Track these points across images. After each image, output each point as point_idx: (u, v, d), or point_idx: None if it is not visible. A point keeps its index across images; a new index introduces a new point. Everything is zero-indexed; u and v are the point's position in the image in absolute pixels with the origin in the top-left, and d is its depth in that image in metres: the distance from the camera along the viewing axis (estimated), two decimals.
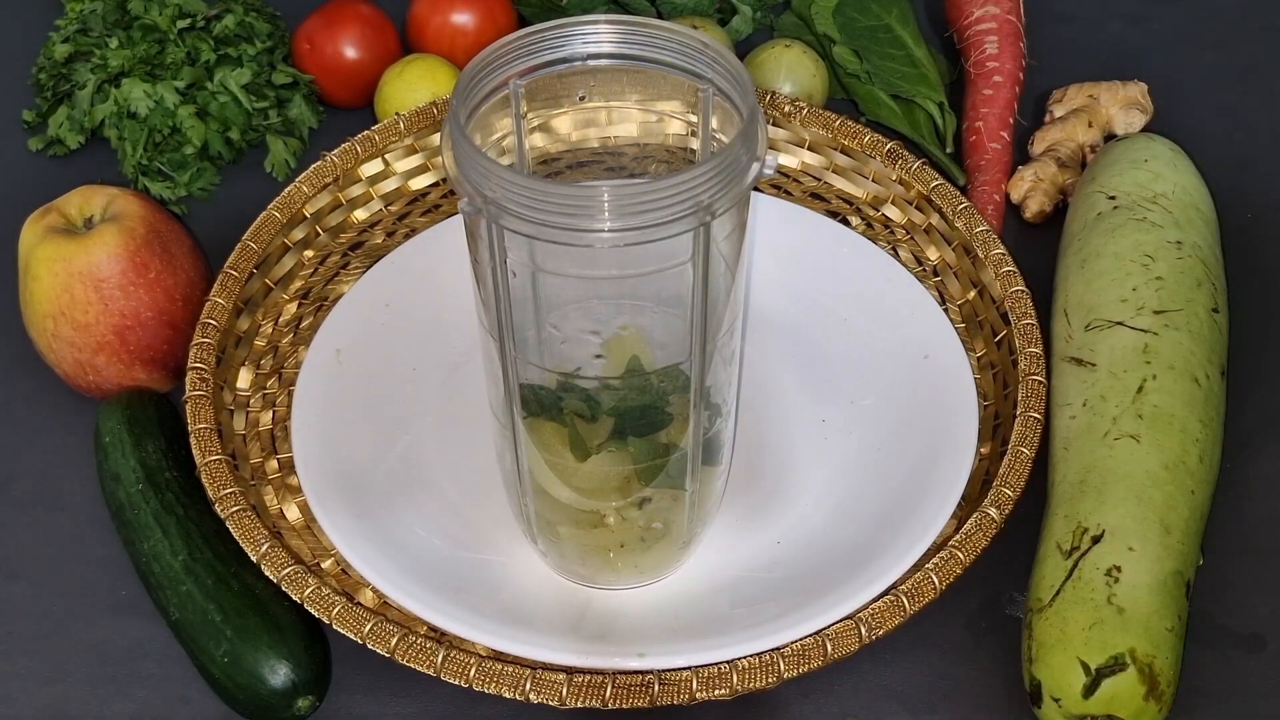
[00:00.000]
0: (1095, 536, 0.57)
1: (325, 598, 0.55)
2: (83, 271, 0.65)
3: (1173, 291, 0.64)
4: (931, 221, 0.71)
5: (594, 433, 0.53)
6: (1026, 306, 0.65)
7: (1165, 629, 0.54)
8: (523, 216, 0.44)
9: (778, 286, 0.70)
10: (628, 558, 0.58)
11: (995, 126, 0.79)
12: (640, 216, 0.43)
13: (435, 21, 0.84)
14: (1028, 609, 0.57)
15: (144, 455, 0.62)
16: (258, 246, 0.67)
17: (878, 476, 0.63)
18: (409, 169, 0.74)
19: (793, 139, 0.75)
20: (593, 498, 0.56)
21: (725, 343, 0.52)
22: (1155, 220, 0.67)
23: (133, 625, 0.61)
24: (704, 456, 0.55)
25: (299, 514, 0.62)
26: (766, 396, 0.67)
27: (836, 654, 0.54)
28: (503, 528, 0.61)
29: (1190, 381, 0.61)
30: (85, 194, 0.68)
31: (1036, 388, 0.61)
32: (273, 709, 0.56)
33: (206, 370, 0.62)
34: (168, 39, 0.79)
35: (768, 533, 0.62)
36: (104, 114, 0.79)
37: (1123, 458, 0.59)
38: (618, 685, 0.53)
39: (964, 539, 0.56)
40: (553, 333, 0.56)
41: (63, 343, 0.66)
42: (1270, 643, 0.60)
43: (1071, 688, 0.54)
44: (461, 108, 0.47)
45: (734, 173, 0.45)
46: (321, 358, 0.66)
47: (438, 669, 0.53)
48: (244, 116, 0.80)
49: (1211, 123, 0.82)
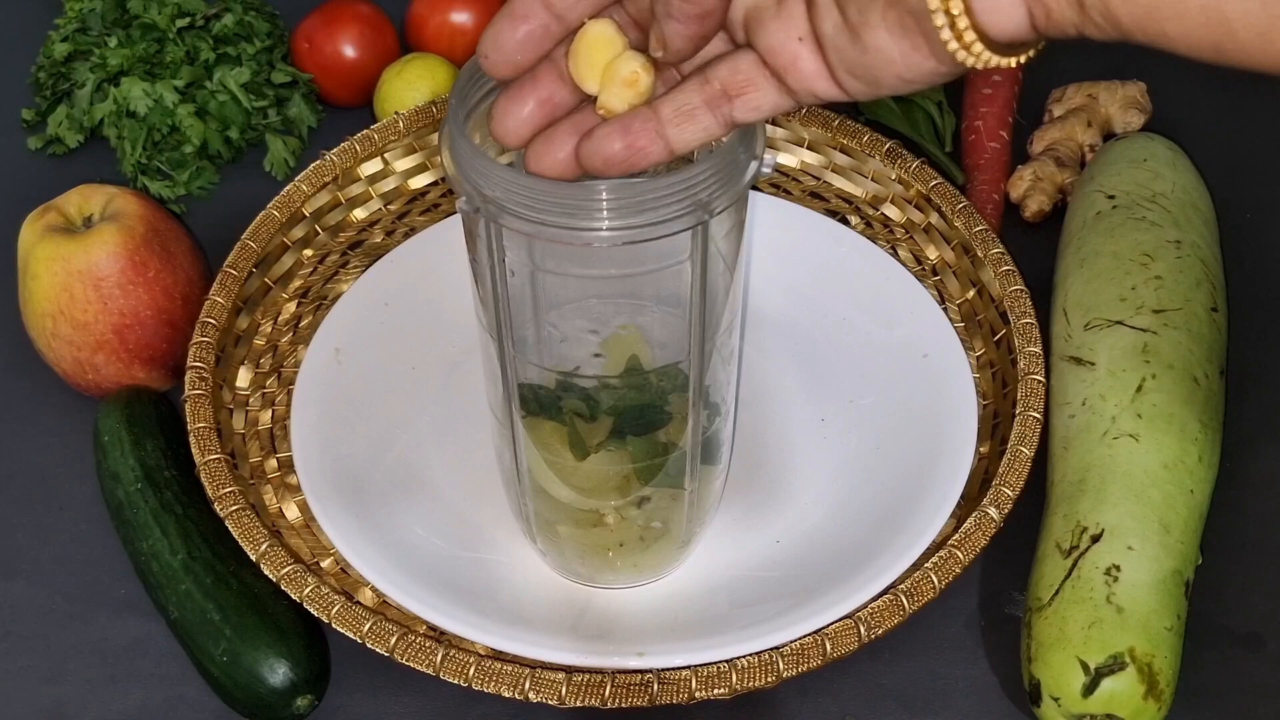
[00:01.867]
0: (1094, 536, 0.57)
1: (324, 597, 0.55)
2: (82, 270, 0.65)
3: (1172, 291, 0.64)
4: (931, 221, 0.71)
5: (593, 432, 0.53)
6: (1025, 306, 0.65)
7: (1164, 628, 0.54)
8: (521, 215, 0.44)
9: (777, 286, 0.70)
10: (627, 557, 0.58)
11: (994, 126, 0.79)
12: (639, 215, 0.43)
13: (434, 20, 0.84)
14: (1027, 608, 0.57)
15: (143, 454, 0.62)
16: (257, 245, 0.67)
17: (877, 476, 0.63)
18: (408, 168, 0.74)
19: (792, 138, 0.75)
20: (592, 497, 0.56)
21: (724, 341, 0.52)
22: (1154, 220, 0.67)
23: (132, 624, 0.61)
24: (703, 455, 0.55)
25: (298, 513, 0.62)
26: (765, 396, 0.67)
27: (836, 653, 0.54)
28: (502, 527, 0.61)
29: (1189, 381, 0.61)
30: (84, 193, 0.68)
31: (1036, 387, 0.61)
32: (272, 708, 0.56)
33: (206, 369, 0.62)
34: (167, 38, 0.79)
35: (767, 532, 0.62)
36: (103, 113, 0.79)
37: (1122, 457, 0.59)
38: (617, 684, 0.53)
39: (963, 538, 0.56)
40: (551, 332, 0.56)
41: (62, 342, 0.66)
42: (1269, 642, 0.60)
43: (1071, 687, 0.54)
44: (460, 106, 0.47)
45: (732, 171, 0.45)
46: (321, 357, 0.66)
47: (437, 668, 0.53)
48: (243, 115, 0.80)
49: (1211, 123, 0.82)
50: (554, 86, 0.43)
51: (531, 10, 0.42)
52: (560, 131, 0.43)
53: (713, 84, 0.41)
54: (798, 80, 0.40)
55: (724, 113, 0.42)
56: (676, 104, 0.42)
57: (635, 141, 0.42)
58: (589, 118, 0.43)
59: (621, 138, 0.42)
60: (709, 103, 0.41)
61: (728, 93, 0.41)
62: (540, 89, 0.43)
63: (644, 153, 0.42)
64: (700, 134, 0.42)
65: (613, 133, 0.42)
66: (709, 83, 0.41)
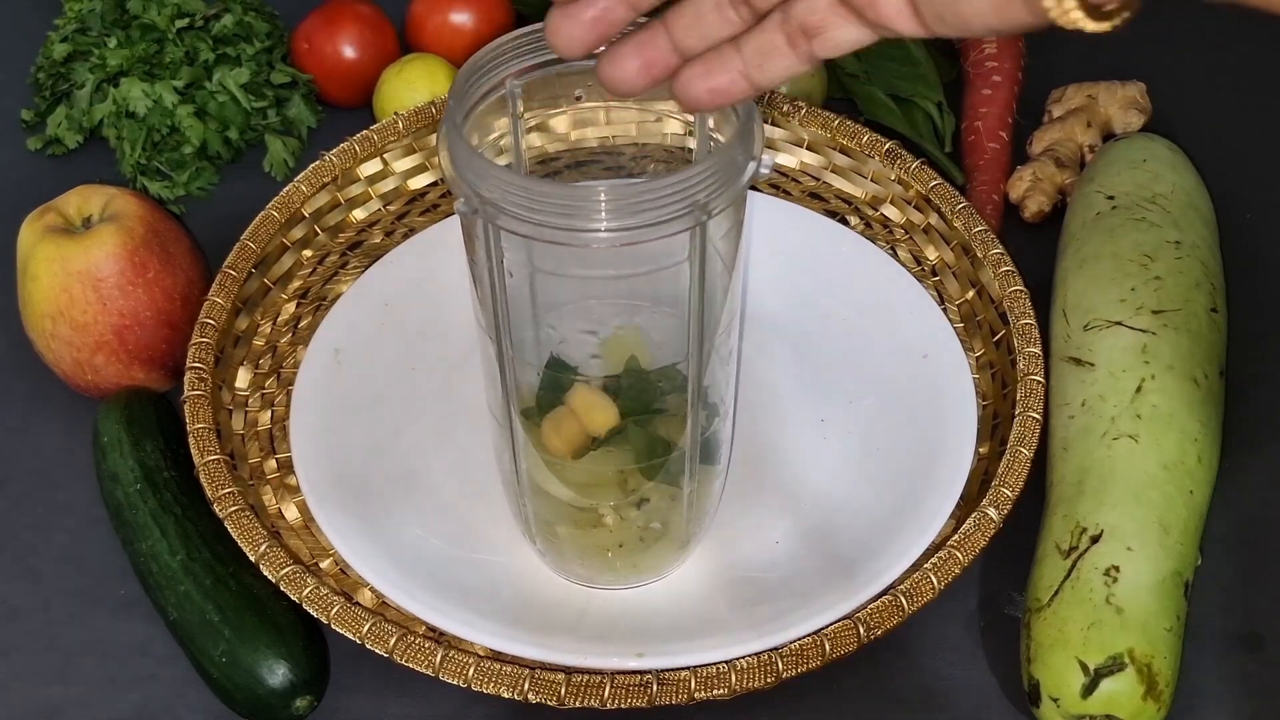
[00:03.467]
0: (1094, 536, 0.56)
1: (324, 597, 0.55)
2: (81, 271, 0.65)
3: (1171, 291, 0.64)
4: (930, 221, 0.71)
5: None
6: (1025, 306, 0.65)
7: (1164, 629, 0.54)
8: (519, 217, 0.44)
9: (776, 287, 0.70)
10: (626, 558, 0.58)
11: (994, 126, 0.79)
12: (637, 216, 0.43)
13: (434, 21, 0.84)
14: (1026, 609, 0.57)
15: (142, 455, 0.62)
16: (256, 246, 0.67)
17: (876, 476, 0.63)
18: (407, 168, 0.74)
19: (791, 138, 0.75)
20: (591, 496, 0.56)
21: (723, 342, 0.52)
22: (1154, 220, 0.67)
23: (131, 625, 0.61)
24: (702, 456, 0.55)
25: (297, 514, 0.62)
26: (765, 396, 0.67)
27: (835, 654, 0.54)
28: (501, 528, 0.61)
29: (1189, 381, 0.61)
30: (84, 193, 0.68)
31: (1035, 388, 0.61)
32: (271, 709, 0.56)
33: (205, 370, 0.62)
34: (166, 38, 0.79)
35: (766, 532, 0.62)
36: (102, 113, 0.79)
37: (1121, 458, 0.59)
38: (616, 685, 0.53)
39: (963, 539, 0.56)
40: (550, 333, 0.56)
41: (61, 342, 0.66)
42: (1269, 642, 0.60)
43: (1070, 688, 0.54)
44: (458, 108, 0.47)
45: (730, 172, 0.45)
46: (320, 357, 0.66)
47: (436, 669, 0.53)
48: (243, 116, 0.80)
49: (1211, 123, 0.82)
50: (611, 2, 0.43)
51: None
52: (625, 50, 0.43)
53: (791, 22, 0.41)
54: (878, 16, 0.40)
55: (805, 49, 0.42)
56: (758, 43, 0.42)
57: (718, 84, 0.43)
58: (652, 34, 0.43)
59: (704, 79, 0.43)
60: (790, 40, 0.42)
61: (806, 31, 0.41)
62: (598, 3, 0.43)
63: (728, 94, 0.43)
64: (783, 71, 0.43)
65: (696, 75, 0.43)
66: (788, 20, 0.42)
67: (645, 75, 0.43)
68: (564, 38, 0.43)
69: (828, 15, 0.41)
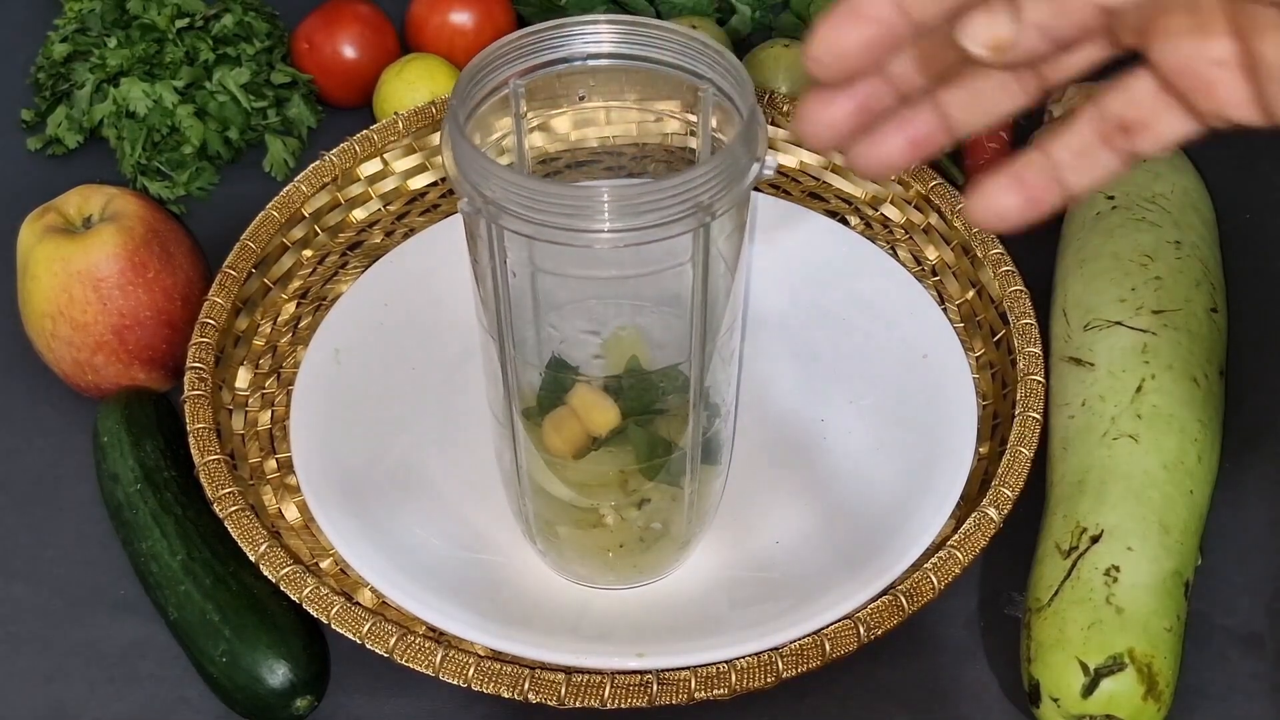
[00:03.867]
0: (1094, 536, 0.57)
1: (324, 597, 0.55)
2: (81, 271, 0.65)
3: (1171, 291, 0.64)
4: (930, 221, 0.71)
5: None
6: (1025, 306, 0.65)
7: (1164, 629, 0.54)
8: (522, 217, 0.44)
9: (777, 286, 0.70)
10: (626, 558, 0.58)
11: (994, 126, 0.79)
12: (640, 217, 0.43)
13: (434, 21, 0.84)
14: (1026, 609, 0.57)
15: (142, 455, 0.62)
16: (256, 246, 0.67)
17: (876, 476, 0.63)
18: (408, 168, 0.74)
19: (792, 138, 0.75)
20: (592, 496, 0.56)
21: (724, 343, 0.52)
22: (1154, 220, 0.67)
23: (131, 625, 0.61)
24: (703, 456, 0.55)
25: (297, 514, 0.62)
26: (766, 396, 0.67)
27: (835, 654, 0.54)
28: (502, 528, 0.61)
29: (1189, 381, 0.61)
30: (84, 193, 0.68)
31: (1035, 387, 0.61)
32: (271, 708, 0.56)
33: (205, 370, 0.62)
34: (166, 38, 0.79)
35: (766, 533, 0.62)
36: (103, 113, 0.79)
37: (1121, 458, 0.59)
38: (616, 685, 0.53)
39: (963, 539, 0.56)
40: (552, 333, 0.56)
41: (61, 342, 0.66)
42: (1269, 643, 0.60)
43: (1070, 688, 0.54)
44: (461, 108, 0.47)
45: (734, 173, 0.45)
46: (320, 357, 0.66)
47: (436, 669, 0.53)
48: (243, 116, 0.80)
49: None
50: (875, 86, 0.38)
51: (878, 10, 0.35)
52: (888, 134, 0.39)
53: (1107, 118, 0.36)
54: (1211, 104, 0.35)
55: (1123, 148, 0.36)
56: (1070, 145, 0.37)
57: (1032, 193, 0.37)
58: (914, 114, 0.38)
59: (1016, 191, 0.37)
60: (1104, 139, 0.36)
61: (1125, 127, 0.36)
62: (859, 89, 0.38)
63: (1042, 203, 0.37)
64: (1101, 174, 0.37)
65: (1006, 186, 0.37)
66: (1103, 117, 0.36)
67: (1031, 208, 0.38)
68: (820, 127, 0.38)
69: (1154, 106, 0.35)
